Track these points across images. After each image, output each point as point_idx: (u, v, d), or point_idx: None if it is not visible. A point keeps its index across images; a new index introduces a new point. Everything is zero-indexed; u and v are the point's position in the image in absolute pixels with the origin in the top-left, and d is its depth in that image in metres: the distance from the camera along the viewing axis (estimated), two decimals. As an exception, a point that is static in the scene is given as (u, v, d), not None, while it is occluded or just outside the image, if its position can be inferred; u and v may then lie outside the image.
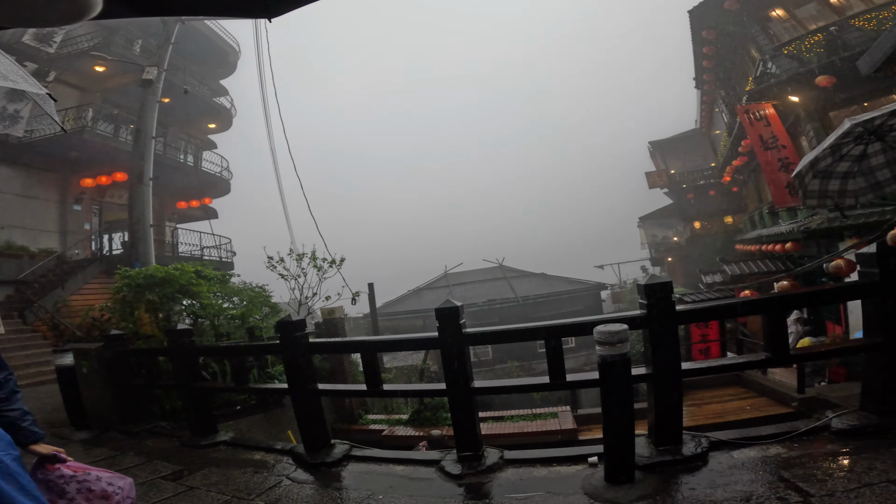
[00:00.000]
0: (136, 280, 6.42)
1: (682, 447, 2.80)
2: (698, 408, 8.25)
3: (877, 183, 3.28)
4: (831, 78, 9.70)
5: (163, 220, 16.67)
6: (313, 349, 3.96)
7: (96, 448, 4.34)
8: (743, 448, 2.79)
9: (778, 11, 12.31)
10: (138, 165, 9.95)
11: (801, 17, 11.90)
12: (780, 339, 2.98)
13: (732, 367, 3.57)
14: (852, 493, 2.09)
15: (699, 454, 2.73)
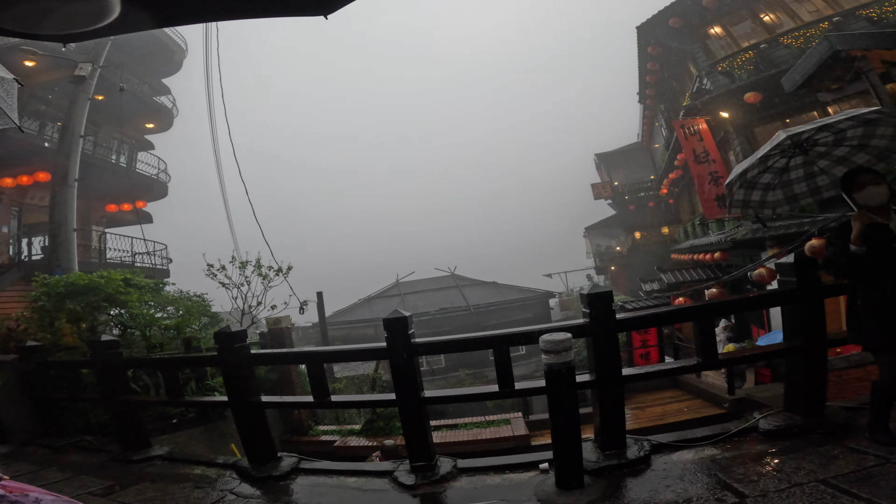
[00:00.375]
0: (55, 288, 5.89)
1: (626, 451, 2.92)
2: (641, 410, 8.67)
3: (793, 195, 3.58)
4: (758, 94, 10.41)
5: (89, 224, 15.41)
6: (255, 360, 3.78)
7: (16, 462, 3.96)
8: (682, 450, 2.94)
9: (716, 29, 12.99)
10: (63, 165, 9.19)
11: (736, 35, 12.57)
12: (710, 345, 3.18)
13: (668, 371, 3.76)
14: (783, 493, 2.23)
15: (642, 457, 2.85)
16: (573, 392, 2.69)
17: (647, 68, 16.62)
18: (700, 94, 12.18)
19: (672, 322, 8.49)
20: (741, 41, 12.29)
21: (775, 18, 11.84)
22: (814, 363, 3.00)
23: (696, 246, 14.38)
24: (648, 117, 22.21)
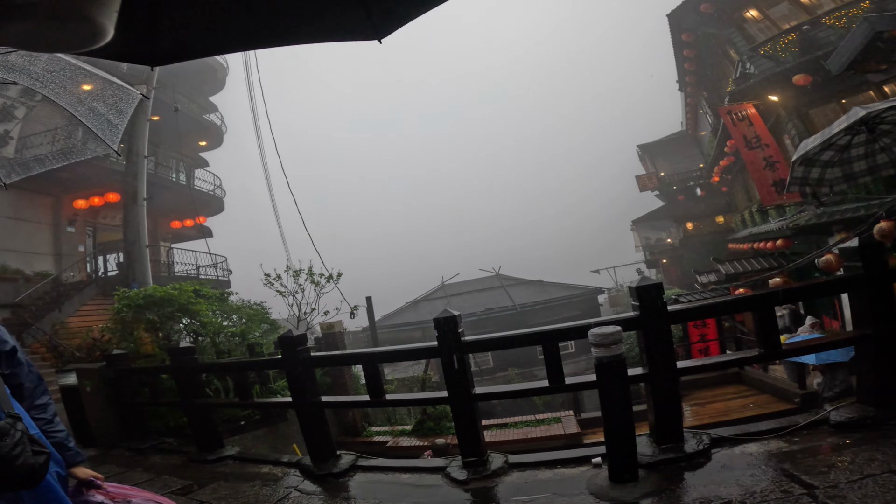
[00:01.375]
0: (135, 300, 6.44)
1: (683, 445, 2.86)
2: (701, 407, 8.33)
3: (851, 173, 3.38)
4: (807, 76, 9.93)
5: (157, 240, 16.65)
6: (316, 362, 4.01)
7: (103, 465, 4.35)
8: (744, 444, 2.84)
9: (752, 12, 12.57)
10: (131, 186, 10.00)
11: (774, 18, 12.13)
12: (771, 335, 3.07)
13: (725, 363, 3.65)
14: (855, 483, 2.13)
15: (701, 451, 2.78)
16: (625, 384, 2.69)
17: (683, 55, 16.16)
18: (744, 78, 11.67)
19: (727, 312, 8.08)
20: (780, 23, 11.82)
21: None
22: (884, 351, 2.84)
23: (756, 234, 13.64)
24: (691, 105, 21.34)
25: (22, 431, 1.51)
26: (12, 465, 1.41)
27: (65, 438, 1.89)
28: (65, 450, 1.85)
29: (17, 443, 1.45)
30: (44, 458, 1.53)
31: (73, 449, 1.92)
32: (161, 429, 5.30)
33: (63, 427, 1.92)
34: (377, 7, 1.52)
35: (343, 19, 1.59)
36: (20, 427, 1.53)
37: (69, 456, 1.87)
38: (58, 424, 1.89)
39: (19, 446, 1.45)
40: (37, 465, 1.49)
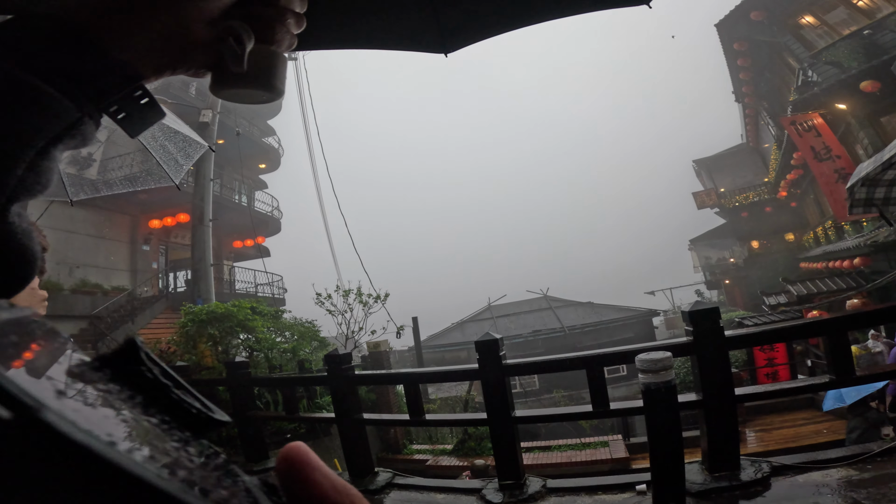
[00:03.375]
0: (199, 316, 6.91)
1: (739, 473, 2.70)
2: (767, 433, 7.83)
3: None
4: (875, 82, 9.26)
5: (221, 259, 17.77)
6: (358, 381, 4.11)
7: (159, 473, 4.62)
8: (810, 472, 2.63)
9: (808, 18, 11.96)
10: (199, 207, 10.78)
11: (832, 23, 11.49)
12: (844, 360, 2.83)
13: (789, 391, 3.38)
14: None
15: (759, 479, 2.61)
16: (674, 412, 2.59)
17: (737, 65, 15.54)
18: (807, 86, 11.01)
19: (792, 338, 7.49)
20: (839, 28, 11.16)
21: (870, 3, 10.52)
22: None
23: (831, 252, 12.59)
24: (751, 116, 20.27)
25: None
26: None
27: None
28: None
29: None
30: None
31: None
32: (214, 439, 5.58)
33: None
34: (449, 24, 1.61)
35: (416, 30, 1.67)
36: None
37: None
38: None
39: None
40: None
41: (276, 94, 0.50)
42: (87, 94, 0.38)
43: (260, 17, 0.47)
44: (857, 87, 9.59)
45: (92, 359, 0.23)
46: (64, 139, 0.37)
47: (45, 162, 0.36)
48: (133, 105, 0.43)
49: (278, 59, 0.49)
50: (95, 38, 0.39)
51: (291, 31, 0.50)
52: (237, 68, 0.45)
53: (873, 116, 10.08)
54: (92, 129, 0.40)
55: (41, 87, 0.35)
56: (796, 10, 12.11)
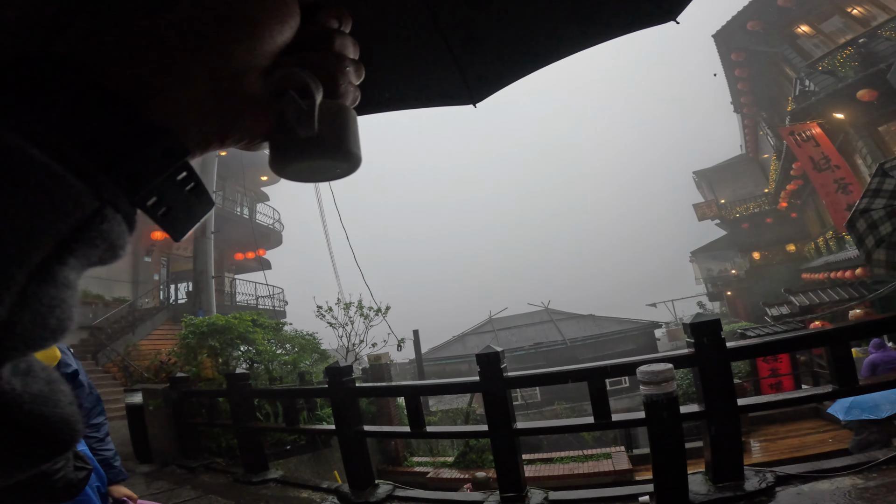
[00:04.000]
0: (200, 327, 6.91)
1: (743, 483, 2.69)
2: (772, 443, 7.77)
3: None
4: (872, 91, 9.30)
5: (222, 271, 17.80)
6: (360, 393, 4.10)
7: (156, 481, 4.61)
8: (815, 481, 2.61)
9: (803, 27, 12.10)
10: (201, 220, 10.81)
11: (827, 32, 11.62)
12: (847, 370, 2.83)
13: (793, 401, 3.37)
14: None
15: (763, 489, 2.60)
16: (676, 423, 2.59)
17: (735, 76, 15.67)
18: (804, 96, 11.08)
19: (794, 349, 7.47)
20: (835, 37, 11.29)
21: (865, 11, 10.64)
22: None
23: (832, 263, 12.59)
24: (749, 126, 20.39)
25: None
26: (51, 479, 1.48)
27: (112, 457, 2.03)
28: (110, 468, 1.98)
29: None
30: (84, 474, 1.61)
31: (118, 468, 2.06)
32: (213, 448, 5.55)
33: (112, 447, 2.07)
34: (474, 73, 1.59)
35: (443, 86, 1.64)
36: None
37: (112, 474, 2.01)
38: (108, 444, 2.05)
39: (60, 461, 1.52)
40: (75, 480, 1.56)
41: (355, 163, 0.39)
42: (112, 175, 0.25)
43: (315, 65, 0.36)
44: (854, 96, 9.62)
45: None
46: (77, 246, 0.23)
47: (48, 288, 0.22)
48: (177, 193, 0.30)
49: (349, 117, 0.38)
50: (119, 86, 0.26)
51: (353, 81, 0.39)
52: (306, 130, 0.34)
53: (871, 125, 10.12)
54: (120, 229, 0.26)
55: (33, 156, 0.22)
56: (792, 20, 12.25)
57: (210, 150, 0.33)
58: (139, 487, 4.25)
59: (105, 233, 0.25)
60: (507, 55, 1.63)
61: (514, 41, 1.58)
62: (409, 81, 1.63)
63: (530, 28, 1.55)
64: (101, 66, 0.26)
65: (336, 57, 0.37)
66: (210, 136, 0.32)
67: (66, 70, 0.25)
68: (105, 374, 11.05)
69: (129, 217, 0.26)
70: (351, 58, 0.39)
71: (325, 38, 0.37)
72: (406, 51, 1.50)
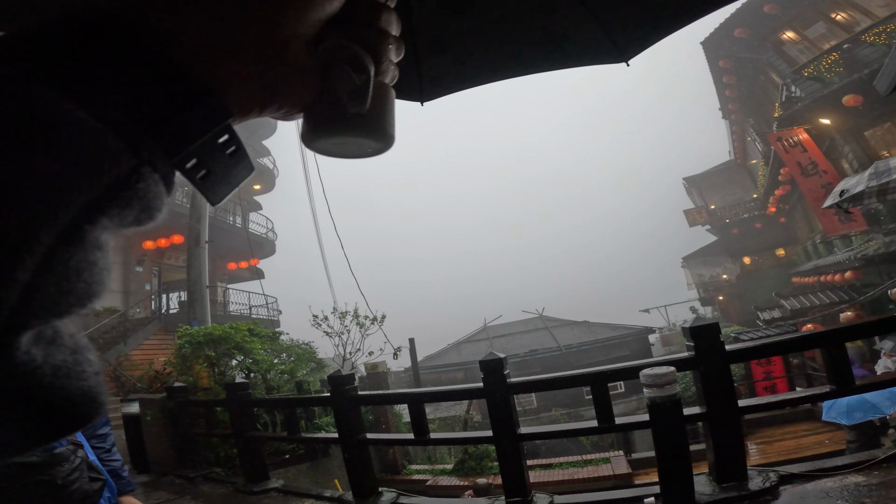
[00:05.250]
0: (195, 337, 6.85)
1: (747, 483, 2.72)
2: (769, 445, 7.90)
3: None
4: (857, 97, 9.49)
5: (215, 281, 17.63)
6: (362, 401, 4.09)
7: (156, 491, 4.54)
8: (817, 480, 2.66)
9: (788, 34, 12.34)
10: (195, 228, 10.72)
11: (811, 38, 11.84)
12: (843, 371, 2.89)
13: (791, 401, 3.42)
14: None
15: (767, 489, 2.63)
16: (680, 424, 2.62)
17: (723, 82, 15.91)
18: (791, 102, 11.28)
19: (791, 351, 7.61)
20: (819, 43, 11.51)
21: (848, 17, 10.90)
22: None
23: (822, 266, 12.79)
24: (737, 133, 20.74)
25: (82, 458, 1.61)
26: (66, 490, 1.50)
27: (119, 468, 2.02)
28: (118, 478, 1.97)
29: (75, 469, 1.55)
30: (99, 485, 1.63)
31: (126, 479, 2.05)
32: (212, 458, 5.49)
33: (119, 457, 2.06)
34: (431, 71, 1.66)
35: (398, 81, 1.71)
36: (80, 454, 1.62)
37: (121, 485, 1.99)
38: (114, 454, 2.03)
39: (76, 472, 1.55)
40: (91, 491, 1.58)
41: (389, 142, 0.38)
42: (152, 135, 0.24)
43: (359, 40, 0.34)
44: (840, 101, 9.79)
45: None
46: (111, 206, 0.22)
47: (76, 250, 0.21)
48: (218, 157, 0.29)
49: (389, 96, 0.37)
50: (165, 46, 0.26)
51: (394, 59, 0.38)
52: (358, 106, 0.33)
53: (857, 130, 10.30)
54: (158, 189, 0.25)
55: (69, 111, 0.21)
56: (778, 26, 12.48)
57: (250, 116, 0.33)
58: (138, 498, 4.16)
59: (141, 192, 0.24)
60: (468, 63, 1.68)
61: (478, 52, 1.64)
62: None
63: (497, 43, 1.62)
64: (148, 25, 0.26)
65: (381, 33, 0.36)
66: (251, 102, 0.32)
67: (111, 28, 0.25)
68: (97, 386, 10.90)
69: (168, 178, 0.26)
70: (394, 35, 0.38)
71: (372, 12, 0.36)
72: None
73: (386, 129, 0.37)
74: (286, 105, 0.34)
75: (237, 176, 0.32)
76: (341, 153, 0.39)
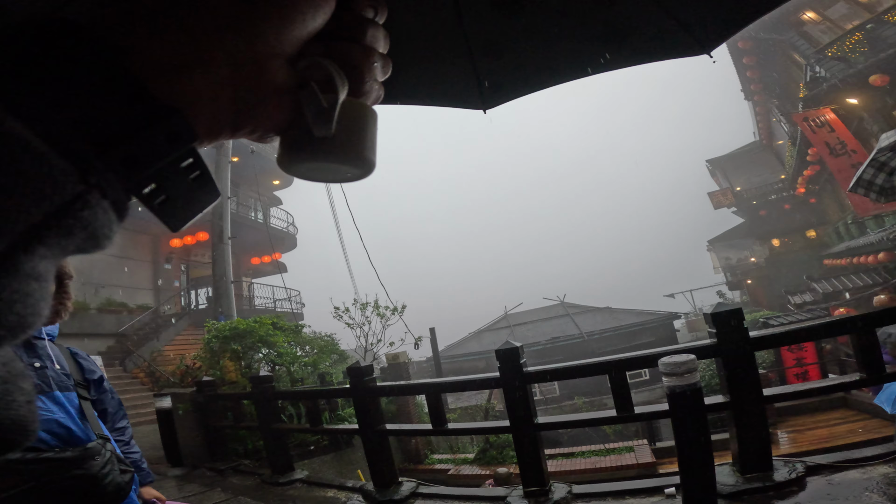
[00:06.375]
0: (222, 332, 7.05)
1: (773, 473, 2.66)
2: (800, 434, 7.69)
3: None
4: (884, 76, 9.16)
5: (240, 276, 18.03)
6: (381, 392, 4.15)
7: (188, 484, 4.71)
8: (846, 471, 2.58)
9: (809, 14, 11.96)
10: (217, 225, 10.99)
11: (833, 18, 11.49)
12: (874, 358, 2.79)
13: (819, 390, 3.32)
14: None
15: (794, 479, 2.57)
16: (701, 414, 2.57)
17: (743, 63, 15.48)
18: (815, 83, 10.94)
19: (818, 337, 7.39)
20: (841, 24, 11.12)
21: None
22: None
23: (854, 248, 12.30)
24: (761, 114, 20.07)
25: (111, 452, 1.67)
26: (102, 482, 1.55)
27: (139, 459, 2.09)
28: (138, 470, 2.02)
29: (107, 462, 1.60)
30: (129, 477, 1.68)
31: (145, 470, 2.12)
32: (240, 451, 5.66)
33: (138, 449, 2.13)
34: (490, 78, 1.58)
35: (457, 88, 1.63)
36: (109, 448, 1.68)
37: (142, 476, 2.06)
38: (133, 446, 2.10)
39: (108, 465, 1.60)
40: (123, 483, 1.63)
41: (368, 169, 0.35)
42: (105, 157, 0.22)
43: (342, 57, 0.33)
44: (867, 81, 9.51)
45: None
46: (49, 234, 0.20)
47: (8, 281, 0.19)
48: (180, 182, 0.26)
49: (369, 118, 0.34)
50: (131, 64, 0.24)
51: (379, 78, 0.36)
52: (322, 129, 0.31)
53: (886, 110, 9.95)
54: (106, 217, 0.23)
55: (10, 130, 0.19)
56: (798, 7, 12.13)
57: (220, 139, 0.30)
58: (171, 491, 4.37)
59: (85, 221, 0.22)
60: (527, 67, 1.59)
61: (536, 54, 1.54)
62: (424, 78, 1.60)
63: (556, 43, 1.51)
64: (111, 36, 0.24)
65: (365, 50, 0.34)
66: (222, 123, 0.29)
67: (68, 38, 0.22)
68: (133, 380, 11.35)
69: (120, 204, 0.24)
70: (380, 52, 0.35)
71: (356, 28, 0.34)
72: (425, 46, 1.47)
73: (363, 154, 0.34)
74: (261, 128, 0.31)
75: (200, 202, 0.28)
76: (320, 178, 0.36)
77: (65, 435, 1.58)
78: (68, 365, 1.82)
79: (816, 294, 12.49)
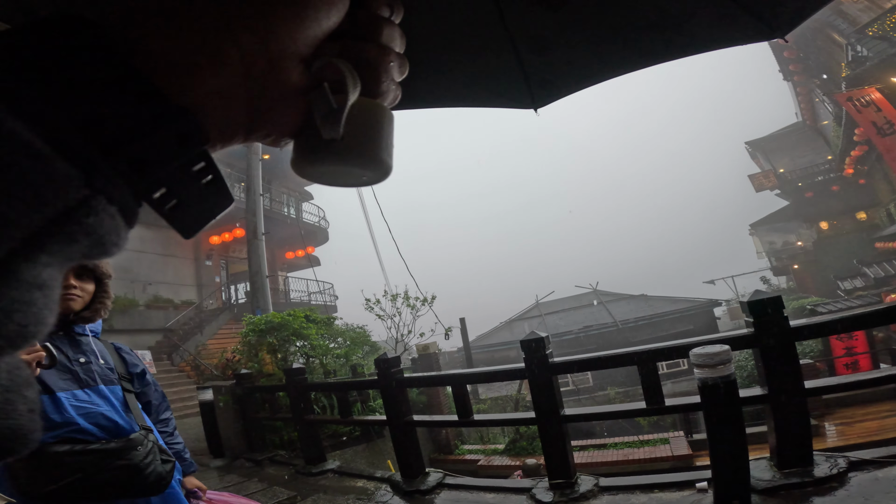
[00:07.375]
0: (258, 325, 7.30)
1: (812, 469, 2.55)
2: (848, 426, 7.37)
3: None
4: None
5: (275, 270, 18.60)
6: (407, 383, 4.21)
7: (228, 474, 4.95)
8: (891, 466, 2.44)
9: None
10: (251, 222, 11.33)
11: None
12: None
13: (866, 382, 3.12)
14: None
15: (834, 475, 2.46)
16: (735, 407, 2.49)
17: (779, 44, 14.51)
18: (858, 62, 10.33)
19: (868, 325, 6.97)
20: (881, 2, 10.53)
21: None
22: None
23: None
24: (803, 94, 19.02)
25: (153, 442, 1.74)
26: (144, 472, 1.63)
27: (182, 450, 2.19)
28: (181, 460, 2.12)
29: (149, 452, 1.68)
30: (170, 466, 1.76)
31: (188, 460, 2.21)
32: (276, 441, 5.88)
33: (181, 440, 2.23)
34: (539, 76, 1.53)
35: (505, 88, 1.59)
36: (151, 438, 1.76)
37: (185, 466, 2.15)
38: (177, 437, 2.20)
39: (150, 455, 1.68)
40: (164, 472, 1.70)
41: (384, 172, 0.34)
42: (112, 160, 0.21)
43: (357, 57, 0.32)
44: (911, 60, 8.85)
45: None
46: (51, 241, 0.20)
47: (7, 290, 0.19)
48: (191, 186, 0.25)
49: (384, 119, 0.33)
50: (141, 64, 0.23)
51: (396, 78, 0.35)
52: (330, 131, 0.30)
53: (935, 87, 9.24)
54: (113, 223, 0.22)
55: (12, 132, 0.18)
56: (833, -16, 11.45)
57: (234, 142, 0.29)
58: (213, 481, 4.59)
59: (90, 227, 0.21)
60: (577, 62, 1.51)
61: (586, 47, 1.46)
62: (469, 80, 1.57)
63: (606, 34, 1.42)
64: (118, 32, 0.23)
65: (380, 49, 0.33)
66: (236, 126, 0.28)
67: (72, 34, 0.22)
68: (180, 373, 11.97)
69: (128, 209, 0.23)
70: (396, 52, 0.34)
71: (372, 27, 0.33)
72: (469, 48, 1.44)
73: (377, 157, 0.33)
74: (275, 131, 0.31)
75: (213, 208, 0.27)
76: (335, 182, 0.35)
77: (111, 427, 1.66)
78: (112, 359, 1.90)
79: (868, 279, 11.79)
